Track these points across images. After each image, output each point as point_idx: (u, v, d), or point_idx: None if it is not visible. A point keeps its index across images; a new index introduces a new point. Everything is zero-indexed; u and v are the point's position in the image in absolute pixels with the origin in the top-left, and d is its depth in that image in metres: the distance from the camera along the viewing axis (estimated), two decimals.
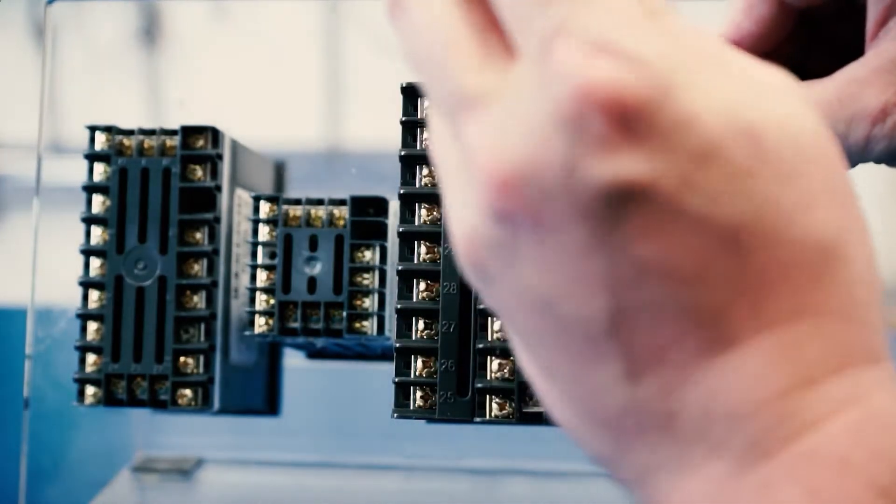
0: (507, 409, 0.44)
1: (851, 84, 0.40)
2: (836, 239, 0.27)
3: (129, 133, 0.55)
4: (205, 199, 0.55)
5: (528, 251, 0.27)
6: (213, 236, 0.55)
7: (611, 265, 0.26)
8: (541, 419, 0.44)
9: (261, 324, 0.55)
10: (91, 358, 0.55)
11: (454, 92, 0.28)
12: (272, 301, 0.55)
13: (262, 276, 0.55)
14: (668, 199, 0.26)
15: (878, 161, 0.40)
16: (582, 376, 0.28)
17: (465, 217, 0.28)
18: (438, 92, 0.28)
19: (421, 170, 0.46)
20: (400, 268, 0.46)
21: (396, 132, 0.47)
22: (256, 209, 0.56)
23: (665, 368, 0.27)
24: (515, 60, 0.27)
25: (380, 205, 0.55)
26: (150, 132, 0.55)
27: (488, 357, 0.45)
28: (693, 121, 0.26)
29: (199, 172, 0.55)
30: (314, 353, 0.65)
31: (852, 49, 0.41)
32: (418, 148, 0.47)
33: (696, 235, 0.26)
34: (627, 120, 0.25)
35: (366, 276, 0.54)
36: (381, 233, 0.55)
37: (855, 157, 0.40)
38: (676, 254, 0.26)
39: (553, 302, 0.28)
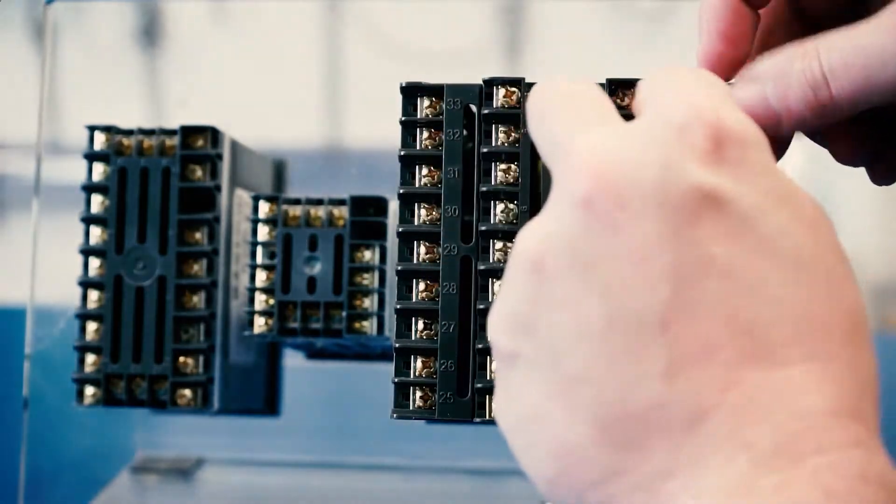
0: None
1: None
2: (862, 310, 0.31)
3: (129, 133, 0.55)
4: (204, 199, 0.55)
5: (600, 240, 0.30)
6: (212, 236, 0.55)
7: (678, 258, 0.30)
8: None
9: (260, 324, 0.55)
10: (90, 358, 0.55)
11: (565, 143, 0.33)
12: (272, 301, 0.55)
13: (261, 276, 0.55)
14: (745, 215, 0.30)
15: None
16: (617, 373, 0.30)
17: (540, 221, 0.32)
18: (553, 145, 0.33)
19: (420, 170, 0.46)
20: (399, 268, 0.46)
21: (396, 132, 0.47)
22: (256, 209, 0.56)
23: (709, 367, 0.29)
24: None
25: (379, 205, 0.55)
26: (149, 132, 0.55)
27: (488, 357, 0.44)
28: (779, 173, 0.31)
29: (199, 172, 0.55)
30: (314, 353, 0.64)
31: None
32: (418, 148, 0.47)
33: (761, 253, 0.30)
34: (726, 144, 0.31)
35: (365, 276, 0.54)
36: (380, 233, 0.55)
37: None
38: (740, 261, 0.30)
39: (614, 291, 0.30)
